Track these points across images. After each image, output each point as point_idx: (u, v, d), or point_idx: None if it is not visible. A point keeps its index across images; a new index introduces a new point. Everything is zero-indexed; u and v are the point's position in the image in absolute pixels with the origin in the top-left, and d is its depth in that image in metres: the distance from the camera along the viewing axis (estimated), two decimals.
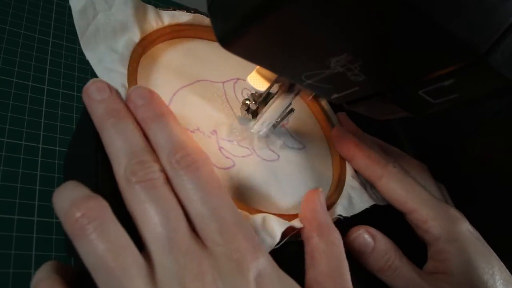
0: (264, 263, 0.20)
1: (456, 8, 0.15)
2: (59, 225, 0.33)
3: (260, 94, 0.29)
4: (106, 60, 0.26)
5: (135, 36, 0.28)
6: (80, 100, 0.42)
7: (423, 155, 0.39)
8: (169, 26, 0.31)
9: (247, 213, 0.24)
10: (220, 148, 0.28)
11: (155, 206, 0.20)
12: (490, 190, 0.31)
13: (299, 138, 0.33)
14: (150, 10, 0.30)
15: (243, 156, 0.28)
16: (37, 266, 0.30)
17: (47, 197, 0.34)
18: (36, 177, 0.34)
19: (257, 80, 0.28)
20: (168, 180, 0.21)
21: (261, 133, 0.30)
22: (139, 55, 0.28)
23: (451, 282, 0.27)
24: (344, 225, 0.28)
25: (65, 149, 0.37)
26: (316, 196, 0.26)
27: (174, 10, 0.32)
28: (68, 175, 0.34)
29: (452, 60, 0.17)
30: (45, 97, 0.40)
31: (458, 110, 0.34)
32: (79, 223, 0.18)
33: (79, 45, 0.27)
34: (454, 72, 0.18)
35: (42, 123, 0.38)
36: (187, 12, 0.32)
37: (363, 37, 0.17)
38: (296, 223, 0.25)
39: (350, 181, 0.31)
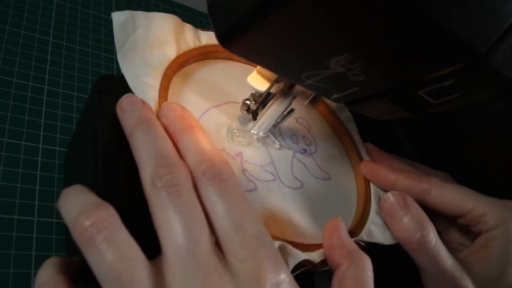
0: (285, 283, 0.20)
1: (456, 8, 0.15)
2: (59, 225, 0.33)
3: (260, 94, 0.29)
4: (140, 74, 0.26)
5: (171, 53, 0.28)
6: (80, 100, 0.42)
7: (423, 155, 0.39)
8: (206, 46, 0.31)
9: None
10: (243, 171, 0.27)
11: (179, 214, 0.19)
12: (490, 190, 0.31)
13: (325, 168, 0.33)
14: (189, 29, 0.31)
15: (266, 181, 0.28)
16: (37, 266, 0.30)
17: (47, 197, 0.34)
18: (36, 177, 0.34)
19: (257, 80, 0.28)
20: (195, 188, 0.21)
21: (261, 133, 0.30)
22: (173, 71, 0.28)
23: (484, 270, 0.27)
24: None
25: (65, 149, 0.37)
26: (339, 224, 0.25)
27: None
28: (68, 175, 0.34)
29: (452, 61, 0.17)
30: (45, 97, 0.40)
31: (458, 110, 0.34)
32: (88, 232, 0.18)
33: (79, 45, 0.27)
34: (454, 72, 0.18)
35: (42, 123, 0.38)
36: None
37: (363, 37, 0.17)
38: (315, 255, 0.25)
39: (374, 217, 0.30)
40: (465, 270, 0.27)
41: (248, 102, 0.30)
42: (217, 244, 0.20)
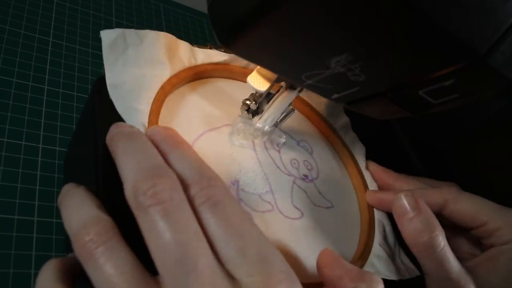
0: None
1: (456, 8, 0.15)
2: (59, 225, 0.33)
3: (260, 94, 0.29)
4: (130, 98, 0.24)
5: (164, 73, 0.27)
6: (80, 100, 0.42)
7: (423, 155, 0.39)
8: (202, 65, 0.30)
9: None
10: (239, 201, 0.26)
11: (171, 239, 0.18)
12: (489, 190, 0.31)
13: (327, 195, 0.31)
14: (183, 46, 0.29)
15: (263, 211, 0.26)
16: (37, 266, 0.30)
17: (47, 197, 0.34)
18: (36, 177, 0.34)
19: (257, 80, 0.28)
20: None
21: (266, 127, 0.29)
22: (165, 93, 0.26)
23: (490, 282, 0.27)
24: None
25: (65, 149, 0.37)
26: (333, 254, 0.24)
27: (211, 48, 0.31)
28: (68, 175, 0.34)
29: (452, 61, 0.17)
30: (45, 97, 0.40)
31: (458, 110, 0.34)
32: (88, 246, 0.19)
33: (79, 45, 0.27)
34: (454, 72, 0.18)
35: (42, 123, 0.38)
36: (224, 52, 0.31)
37: (364, 37, 0.17)
38: None
39: (377, 249, 0.29)
40: (471, 279, 0.27)
41: (248, 102, 0.29)
42: (220, 261, 0.19)
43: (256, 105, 0.29)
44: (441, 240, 0.26)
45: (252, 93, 0.29)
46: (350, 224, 0.31)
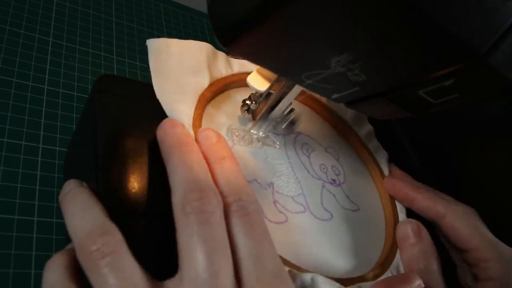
0: None
1: (456, 8, 0.15)
2: (59, 225, 0.33)
3: (260, 94, 0.29)
4: (175, 100, 0.26)
5: (205, 81, 0.29)
6: (80, 100, 0.42)
7: (423, 155, 0.39)
8: (238, 74, 0.31)
9: (295, 272, 0.24)
10: (275, 202, 0.28)
11: (203, 243, 0.19)
12: (490, 190, 0.31)
13: (354, 199, 0.33)
14: (221, 57, 0.31)
15: (296, 212, 0.28)
16: (37, 266, 0.30)
17: (47, 197, 0.34)
18: (36, 177, 0.34)
19: (257, 80, 0.28)
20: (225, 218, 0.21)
21: (260, 133, 0.30)
22: (206, 100, 0.28)
23: None
24: None
25: (65, 149, 0.37)
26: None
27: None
28: (68, 175, 0.34)
29: (453, 61, 0.17)
30: (45, 97, 0.40)
31: (458, 110, 0.34)
32: (93, 256, 0.19)
33: (79, 45, 0.27)
34: (454, 72, 0.18)
35: (42, 123, 0.38)
36: None
37: (364, 37, 0.17)
38: None
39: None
40: None
41: (248, 102, 0.30)
42: (236, 275, 0.20)
43: (256, 105, 0.29)
44: (434, 271, 0.28)
45: (252, 93, 0.30)
46: (377, 226, 0.32)
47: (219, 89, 0.30)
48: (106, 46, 0.49)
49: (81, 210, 0.21)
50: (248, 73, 0.31)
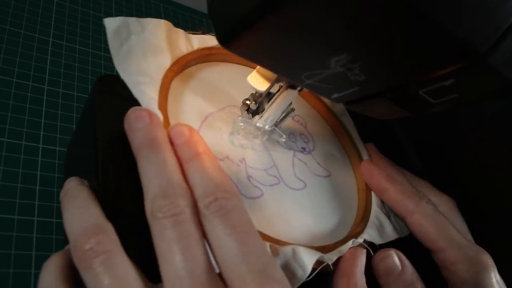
0: None
1: (456, 8, 0.15)
2: (59, 225, 0.33)
3: (260, 94, 0.29)
4: (140, 82, 0.25)
5: (166, 60, 0.28)
6: (80, 100, 0.42)
7: (423, 155, 0.39)
8: (198, 50, 0.31)
9: (276, 246, 0.23)
10: (248, 177, 0.28)
11: (175, 243, 0.19)
12: (489, 189, 0.31)
13: (325, 165, 0.33)
14: (181, 34, 0.30)
15: (271, 185, 0.28)
16: (37, 266, 0.30)
17: (47, 197, 0.34)
18: (36, 177, 0.34)
19: (257, 80, 0.28)
20: (198, 215, 0.21)
21: (267, 127, 0.30)
22: (169, 80, 0.28)
23: None
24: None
25: (65, 149, 0.37)
26: (360, 255, 0.26)
27: (203, 33, 0.32)
28: (68, 175, 0.34)
29: (453, 60, 0.17)
30: (45, 97, 0.40)
31: (458, 110, 0.34)
32: (87, 255, 0.19)
33: (79, 45, 0.27)
34: (454, 72, 0.18)
35: (42, 123, 0.38)
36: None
37: (364, 37, 0.17)
38: (326, 257, 0.25)
39: (376, 211, 0.30)
40: None
41: (248, 102, 0.30)
42: (221, 276, 0.20)
43: (256, 105, 0.29)
44: None
45: (252, 93, 0.30)
46: (349, 190, 0.33)
47: (181, 67, 0.29)
48: (106, 46, 0.49)
49: (78, 209, 0.21)
50: (208, 48, 0.31)
